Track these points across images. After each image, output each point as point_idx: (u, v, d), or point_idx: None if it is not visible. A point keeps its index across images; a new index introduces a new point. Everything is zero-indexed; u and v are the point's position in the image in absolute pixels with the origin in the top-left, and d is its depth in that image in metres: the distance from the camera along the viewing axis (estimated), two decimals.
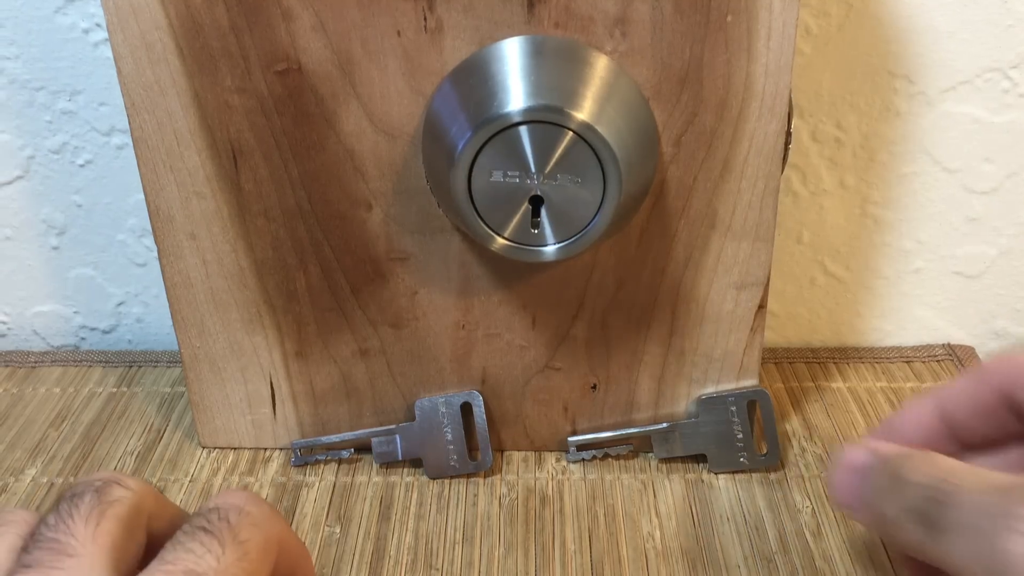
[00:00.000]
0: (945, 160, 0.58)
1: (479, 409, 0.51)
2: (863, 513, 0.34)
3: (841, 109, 0.56)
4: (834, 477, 0.35)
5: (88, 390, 0.59)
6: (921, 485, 0.29)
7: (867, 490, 0.33)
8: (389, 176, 0.45)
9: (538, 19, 0.42)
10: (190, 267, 0.48)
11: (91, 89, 0.57)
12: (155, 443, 0.54)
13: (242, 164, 0.46)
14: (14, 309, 0.65)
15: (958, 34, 0.54)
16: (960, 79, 0.55)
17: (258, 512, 0.28)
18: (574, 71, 0.42)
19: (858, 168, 0.58)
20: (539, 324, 0.49)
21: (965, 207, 0.59)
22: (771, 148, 0.44)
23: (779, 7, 0.41)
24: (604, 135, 0.39)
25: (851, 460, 0.34)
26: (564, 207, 0.41)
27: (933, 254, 0.61)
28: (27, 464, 0.53)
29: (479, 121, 0.40)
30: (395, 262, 0.48)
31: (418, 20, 0.42)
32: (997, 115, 0.56)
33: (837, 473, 0.35)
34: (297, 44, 0.43)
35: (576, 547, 0.47)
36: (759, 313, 0.48)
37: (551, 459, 0.52)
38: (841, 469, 0.35)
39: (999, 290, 0.62)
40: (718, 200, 0.45)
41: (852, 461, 0.34)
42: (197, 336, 0.50)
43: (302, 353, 0.50)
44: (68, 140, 0.59)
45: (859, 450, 0.34)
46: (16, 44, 0.56)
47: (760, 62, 0.42)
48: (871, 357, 0.61)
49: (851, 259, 0.61)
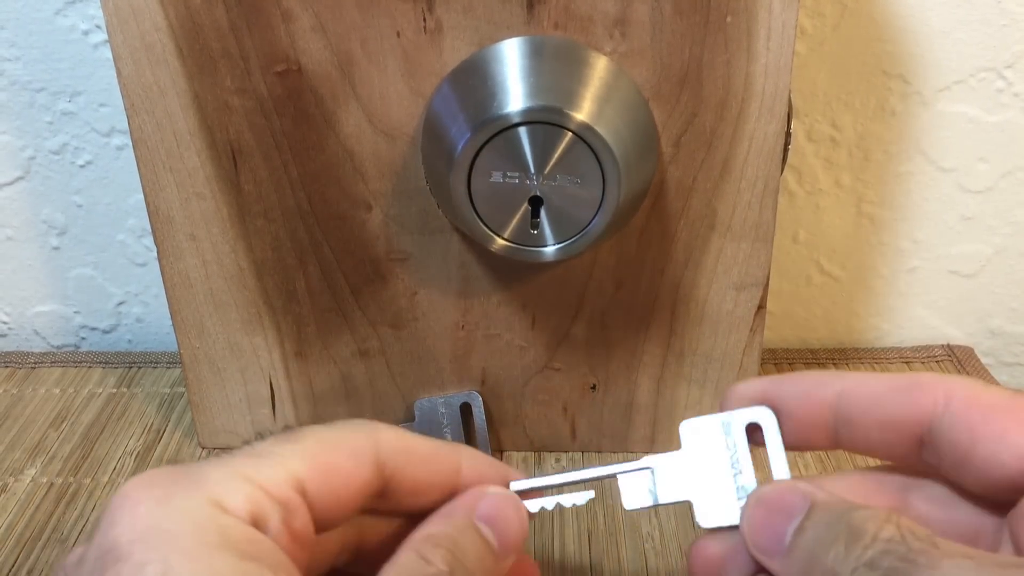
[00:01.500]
0: (940, 159, 0.58)
1: (479, 409, 0.51)
2: (785, 562, 0.29)
3: (836, 109, 0.57)
4: (752, 517, 0.30)
5: (88, 391, 0.59)
6: (888, 541, 0.26)
7: (803, 539, 0.28)
8: (389, 177, 0.46)
9: (537, 20, 0.42)
10: (190, 268, 0.48)
11: (91, 90, 0.57)
12: (155, 443, 0.55)
13: (242, 165, 0.46)
14: (15, 309, 0.65)
15: (953, 34, 0.54)
16: (955, 79, 0.56)
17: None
18: (573, 72, 0.42)
19: (854, 167, 0.58)
20: (539, 324, 0.49)
21: (960, 206, 0.59)
22: (771, 148, 0.44)
23: (779, 8, 0.41)
24: (603, 136, 0.39)
25: (779, 501, 0.30)
26: (563, 208, 0.41)
27: (929, 253, 0.61)
28: (27, 464, 0.53)
29: (478, 122, 0.40)
30: (395, 262, 0.48)
31: (417, 21, 0.42)
32: (992, 114, 0.57)
33: (758, 513, 0.30)
34: (297, 45, 0.43)
35: (576, 547, 0.47)
36: (758, 314, 0.48)
37: (551, 459, 0.53)
38: (764, 509, 0.30)
39: (995, 289, 0.62)
40: (718, 200, 0.46)
41: (780, 503, 0.30)
42: (197, 337, 0.50)
43: (302, 353, 0.50)
44: (68, 141, 0.59)
45: (788, 491, 0.30)
46: (17, 45, 0.56)
47: (760, 62, 0.42)
48: (871, 358, 0.61)
49: (847, 258, 0.61)
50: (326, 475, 0.29)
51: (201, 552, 0.25)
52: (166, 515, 0.26)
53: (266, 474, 0.28)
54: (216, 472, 0.27)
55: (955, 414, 0.29)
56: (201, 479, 0.27)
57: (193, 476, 0.27)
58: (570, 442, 0.53)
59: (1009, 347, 0.65)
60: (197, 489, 0.26)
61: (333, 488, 0.29)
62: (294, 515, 0.28)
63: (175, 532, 0.25)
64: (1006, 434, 0.28)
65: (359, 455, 0.30)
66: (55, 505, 0.50)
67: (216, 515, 0.26)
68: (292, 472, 0.28)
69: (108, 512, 0.26)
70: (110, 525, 0.26)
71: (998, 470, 0.28)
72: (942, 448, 0.30)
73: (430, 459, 0.32)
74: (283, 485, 0.28)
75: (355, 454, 0.30)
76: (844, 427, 0.31)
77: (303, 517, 0.28)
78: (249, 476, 0.27)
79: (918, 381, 0.30)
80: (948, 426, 0.29)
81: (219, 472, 0.27)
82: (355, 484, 0.30)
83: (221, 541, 0.25)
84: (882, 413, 0.31)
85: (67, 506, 0.50)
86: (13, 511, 0.50)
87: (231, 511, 0.26)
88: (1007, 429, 0.28)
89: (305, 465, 0.29)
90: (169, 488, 0.26)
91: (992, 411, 0.29)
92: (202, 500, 0.26)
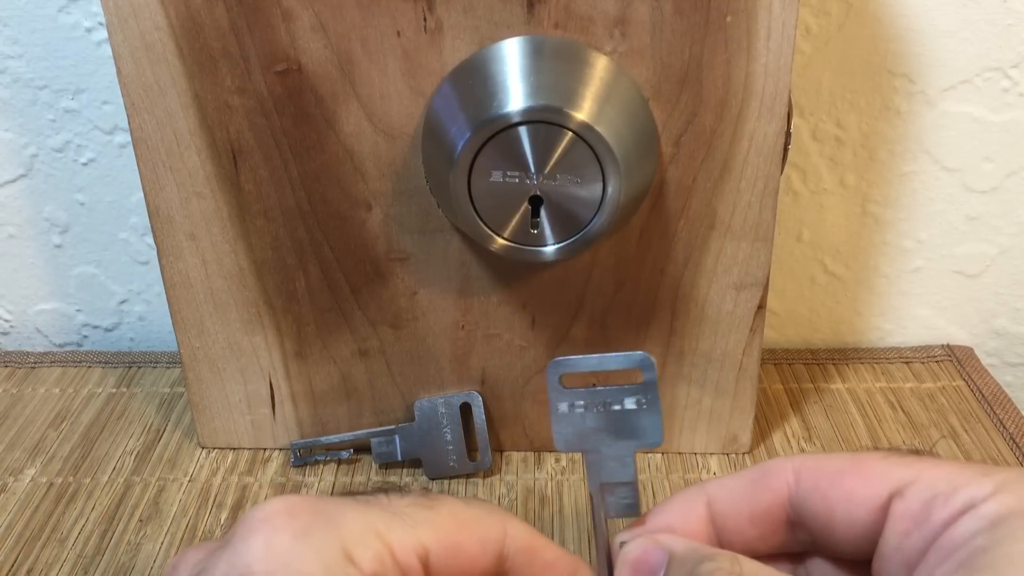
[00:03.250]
0: (945, 159, 0.58)
1: (478, 409, 0.51)
2: None
3: (841, 108, 0.56)
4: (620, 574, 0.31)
5: (87, 391, 0.59)
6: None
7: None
8: (389, 176, 0.46)
9: (538, 19, 0.42)
10: (190, 267, 0.48)
11: (94, 88, 0.57)
12: (154, 443, 0.55)
13: (242, 164, 0.46)
14: (17, 307, 0.65)
15: (958, 33, 0.54)
16: (960, 78, 0.55)
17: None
18: (574, 71, 0.42)
19: (858, 167, 0.58)
20: (539, 324, 0.49)
21: (965, 206, 0.59)
22: (771, 148, 0.44)
23: (779, 7, 0.41)
24: (604, 135, 0.39)
25: (642, 561, 0.31)
26: (564, 207, 0.41)
27: (933, 253, 0.61)
28: (26, 464, 0.53)
29: (479, 121, 0.40)
30: (395, 262, 0.48)
31: (418, 20, 0.42)
32: (997, 114, 0.56)
33: (624, 570, 0.31)
34: (297, 44, 0.43)
35: (576, 547, 0.47)
36: (758, 314, 0.48)
37: (550, 459, 0.53)
38: (629, 566, 0.31)
39: (999, 289, 0.62)
40: (718, 200, 0.45)
41: (644, 563, 0.31)
42: (197, 336, 0.50)
43: (301, 353, 0.50)
44: (71, 138, 0.59)
45: (649, 545, 0.31)
46: (19, 43, 0.56)
47: (760, 62, 0.42)
48: (870, 358, 0.61)
49: (851, 258, 0.61)
50: (452, 553, 0.29)
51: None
52: (301, 554, 0.26)
53: (397, 536, 0.28)
54: (353, 520, 0.28)
55: (806, 490, 0.31)
56: (338, 522, 0.27)
57: (331, 517, 0.27)
58: None
59: (1013, 347, 0.64)
60: (334, 533, 0.27)
61: (454, 568, 0.29)
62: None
63: (306, 574, 0.26)
64: (854, 492, 0.30)
65: (487, 543, 0.30)
66: (55, 505, 0.50)
67: (345, 566, 0.26)
68: (422, 541, 0.28)
69: (244, 530, 0.27)
70: (246, 548, 0.26)
71: (857, 528, 0.30)
72: (808, 524, 0.31)
73: (551, 566, 0.32)
74: (410, 552, 0.28)
75: (483, 540, 0.30)
76: (723, 534, 0.32)
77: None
78: (382, 534, 0.28)
79: (768, 469, 0.32)
80: (803, 502, 0.31)
81: (356, 522, 0.28)
82: (475, 569, 0.30)
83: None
84: (748, 508, 0.32)
85: (67, 506, 0.50)
86: (13, 511, 0.50)
87: (358, 564, 0.27)
88: (853, 487, 0.30)
89: (435, 537, 0.29)
90: (308, 524, 0.27)
91: (838, 475, 0.30)
92: (336, 546, 0.27)
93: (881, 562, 0.29)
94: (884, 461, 0.30)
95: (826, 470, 0.30)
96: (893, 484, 0.29)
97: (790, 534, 0.32)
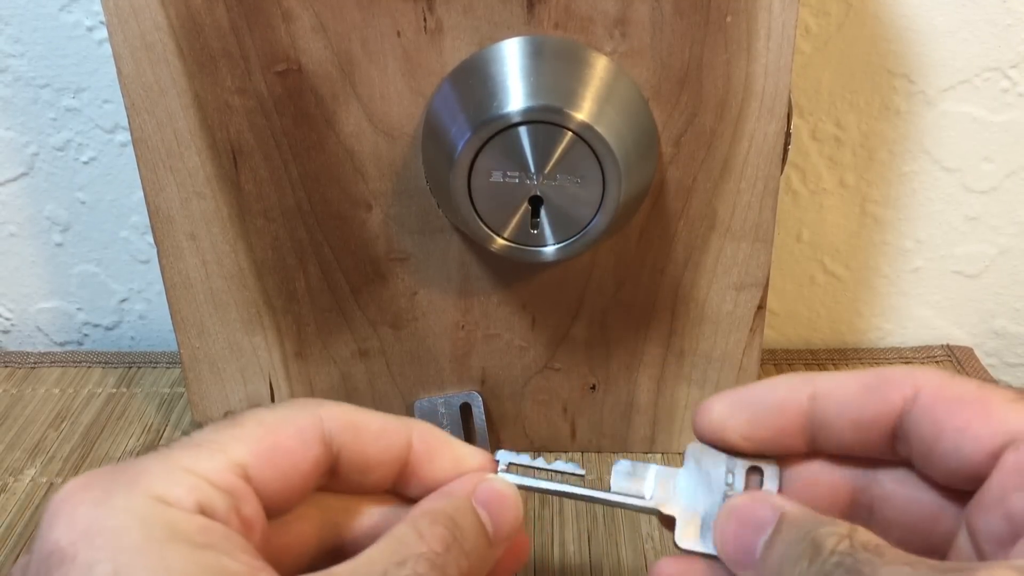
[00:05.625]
0: (944, 159, 0.58)
1: (478, 410, 0.51)
2: (754, 573, 0.30)
3: (841, 108, 0.57)
4: (724, 530, 0.31)
5: (87, 391, 0.59)
6: (840, 554, 0.26)
7: (772, 553, 0.29)
8: (389, 176, 0.46)
9: (538, 20, 0.42)
10: (190, 267, 0.48)
11: (95, 86, 0.57)
12: (154, 443, 0.55)
13: (242, 164, 0.46)
14: (18, 306, 0.65)
15: (958, 33, 0.54)
16: (959, 78, 0.55)
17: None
18: (574, 72, 0.42)
19: (858, 167, 0.58)
20: (539, 324, 0.49)
21: (964, 206, 0.59)
22: (771, 148, 0.44)
23: (779, 7, 0.41)
24: (604, 135, 0.39)
25: (750, 515, 0.30)
26: (564, 207, 0.41)
27: (932, 253, 0.61)
28: (26, 464, 0.53)
29: (479, 121, 0.40)
30: (395, 262, 0.48)
31: (418, 21, 0.42)
32: (996, 114, 0.56)
33: (730, 526, 0.31)
34: (297, 45, 0.43)
35: (576, 547, 0.47)
36: (758, 314, 0.48)
37: (550, 460, 0.52)
38: (736, 522, 0.31)
39: (998, 289, 0.62)
40: (718, 200, 0.45)
41: (752, 516, 0.30)
42: (197, 336, 0.50)
43: (302, 354, 0.50)
44: (72, 137, 0.59)
45: (759, 504, 0.30)
46: (21, 42, 0.56)
47: (760, 62, 0.42)
48: (870, 358, 0.61)
49: (851, 258, 0.61)
50: (270, 458, 0.29)
51: (151, 546, 0.24)
52: (107, 514, 0.25)
53: (207, 464, 0.27)
54: (155, 466, 0.27)
55: (922, 408, 0.29)
56: (140, 475, 0.26)
57: (131, 473, 0.26)
58: (570, 442, 0.53)
59: (1013, 348, 0.65)
60: (137, 486, 0.26)
61: (279, 470, 0.29)
62: (242, 502, 0.27)
63: (120, 529, 0.25)
64: (969, 426, 0.28)
65: (304, 434, 0.30)
66: None
67: (161, 509, 0.25)
68: (234, 459, 0.28)
69: (46, 517, 0.26)
70: (49, 529, 0.25)
71: (960, 462, 0.29)
72: (911, 442, 0.30)
73: (379, 434, 0.32)
74: (226, 473, 0.27)
75: (300, 433, 0.30)
76: (820, 431, 0.32)
77: (251, 503, 0.28)
78: (189, 467, 0.27)
79: (887, 377, 0.31)
80: (916, 420, 0.30)
81: (158, 466, 0.27)
82: (302, 464, 0.29)
83: (170, 534, 0.25)
84: (855, 413, 0.31)
85: None
86: (13, 511, 0.50)
87: (176, 504, 0.26)
88: (970, 421, 0.28)
89: (247, 450, 0.28)
90: (107, 487, 0.26)
91: (957, 404, 0.29)
92: (144, 496, 0.26)
93: (979, 508, 0.28)
94: (1009, 404, 0.28)
95: (947, 395, 0.29)
96: (1012, 432, 0.28)
97: (889, 445, 0.31)
